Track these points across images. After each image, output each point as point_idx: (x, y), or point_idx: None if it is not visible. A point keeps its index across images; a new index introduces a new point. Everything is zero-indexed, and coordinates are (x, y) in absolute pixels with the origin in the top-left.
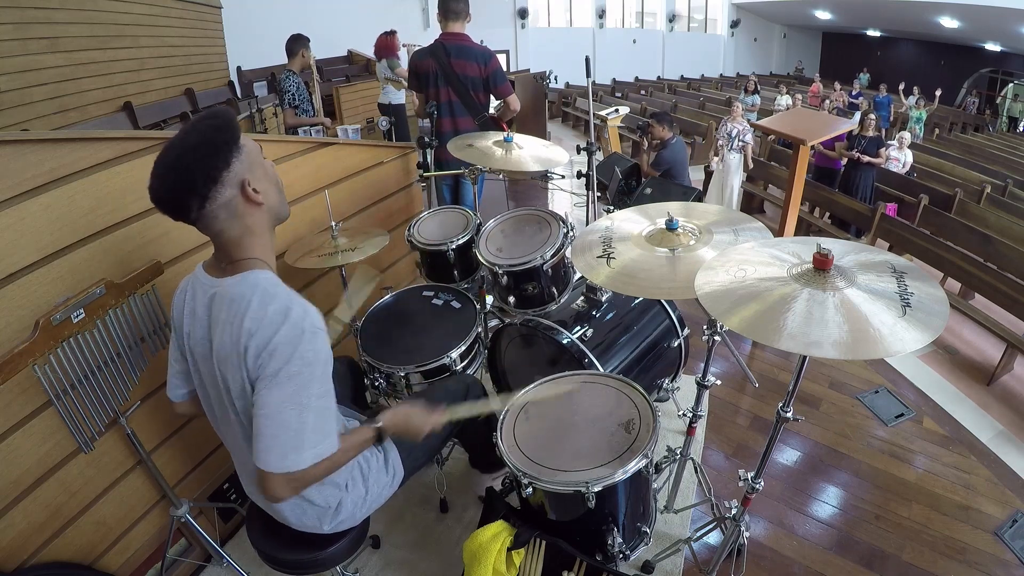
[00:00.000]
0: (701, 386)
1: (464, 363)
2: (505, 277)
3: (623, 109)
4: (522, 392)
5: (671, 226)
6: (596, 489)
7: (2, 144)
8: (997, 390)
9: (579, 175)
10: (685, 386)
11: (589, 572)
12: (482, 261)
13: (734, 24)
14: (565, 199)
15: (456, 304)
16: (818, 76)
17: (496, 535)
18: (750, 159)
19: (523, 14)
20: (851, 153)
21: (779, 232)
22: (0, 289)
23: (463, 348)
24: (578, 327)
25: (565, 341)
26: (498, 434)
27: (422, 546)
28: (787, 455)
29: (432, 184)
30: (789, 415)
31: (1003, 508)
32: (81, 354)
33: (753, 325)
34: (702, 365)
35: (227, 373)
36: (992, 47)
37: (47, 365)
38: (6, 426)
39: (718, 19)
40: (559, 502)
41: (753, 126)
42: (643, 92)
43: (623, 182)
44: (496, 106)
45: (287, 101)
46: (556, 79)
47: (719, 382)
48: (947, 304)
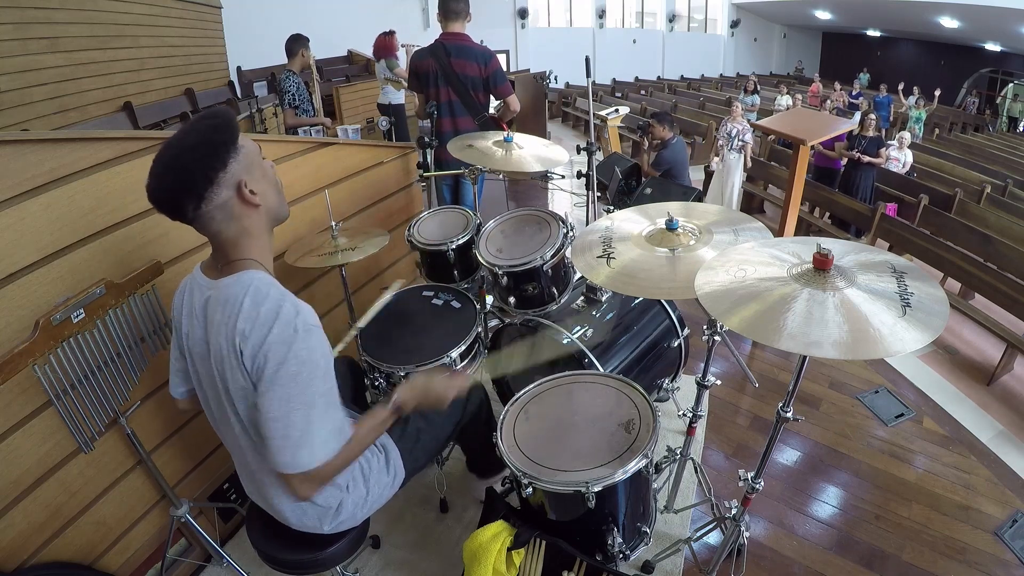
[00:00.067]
0: (701, 386)
1: (464, 363)
2: (505, 278)
3: (623, 109)
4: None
5: (671, 226)
6: (596, 489)
7: (2, 144)
8: (997, 390)
9: (579, 175)
10: (685, 386)
11: (589, 572)
12: (482, 262)
13: (734, 24)
14: (565, 199)
15: (456, 304)
16: (818, 76)
17: (496, 535)
18: (749, 159)
19: (523, 14)
20: (851, 153)
21: (779, 232)
22: (0, 289)
23: (463, 348)
24: (578, 327)
25: (565, 341)
26: (498, 434)
27: (422, 546)
28: (787, 455)
29: (432, 184)
30: (789, 415)
31: (1003, 508)
32: (81, 354)
33: (753, 325)
34: (702, 365)
35: (225, 374)
36: (992, 47)
37: (47, 365)
38: (6, 426)
39: (718, 19)
40: (559, 502)
41: (753, 126)
42: (643, 92)
43: (623, 182)
44: (496, 106)
45: (287, 101)
46: (556, 79)
47: (719, 382)
48: (947, 304)
